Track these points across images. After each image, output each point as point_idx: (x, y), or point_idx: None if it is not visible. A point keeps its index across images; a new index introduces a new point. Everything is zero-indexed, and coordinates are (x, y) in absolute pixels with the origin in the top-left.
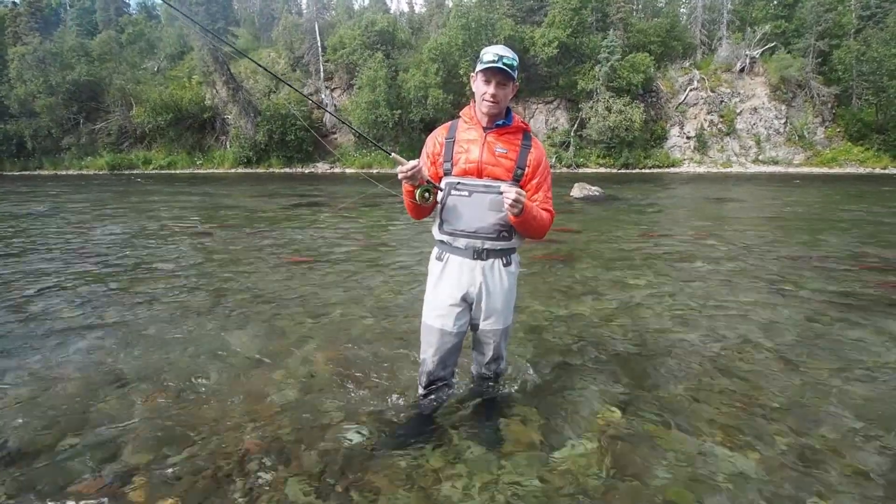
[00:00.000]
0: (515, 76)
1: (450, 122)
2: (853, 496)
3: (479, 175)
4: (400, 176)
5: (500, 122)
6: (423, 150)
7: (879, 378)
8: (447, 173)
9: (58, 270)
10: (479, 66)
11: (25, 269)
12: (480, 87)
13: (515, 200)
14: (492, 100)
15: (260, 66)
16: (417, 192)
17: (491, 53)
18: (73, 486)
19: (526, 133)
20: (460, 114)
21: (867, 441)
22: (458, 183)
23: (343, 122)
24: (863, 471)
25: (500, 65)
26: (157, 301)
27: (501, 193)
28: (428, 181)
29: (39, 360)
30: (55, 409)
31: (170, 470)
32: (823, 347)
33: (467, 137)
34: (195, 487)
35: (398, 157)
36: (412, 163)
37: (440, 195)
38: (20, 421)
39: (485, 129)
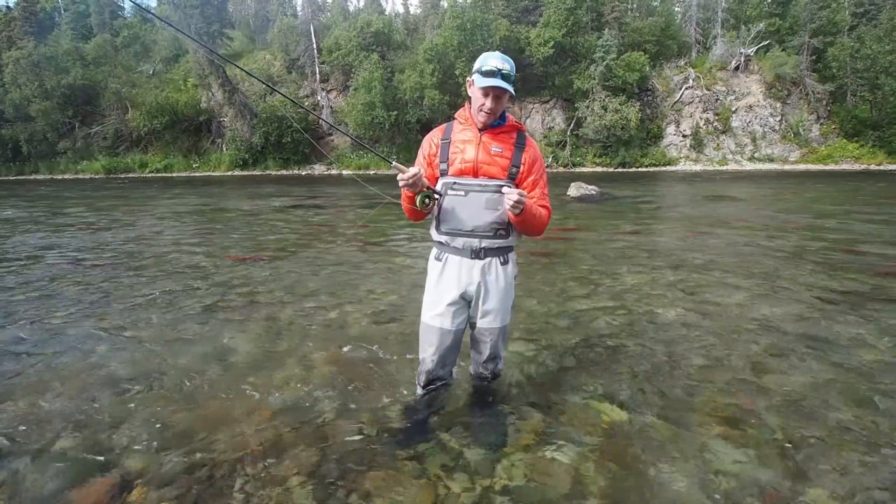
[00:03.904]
0: (512, 88)
1: (445, 124)
2: (853, 493)
3: (475, 174)
4: (401, 184)
5: (494, 122)
6: (420, 152)
7: (878, 374)
8: (443, 174)
9: (53, 274)
10: (478, 80)
11: (19, 272)
12: (478, 98)
13: (517, 202)
14: (489, 112)
15: (248, 73)
16: (418, 199)
17: (489, 65)
18: (73, 487)
19: (520, 132)
20: (455, 115)
21: (867, 437)
22: (455, 183)
23: (335, 128)
24: (863, 468)
25: (498, 81)
26: (154, 303)
27: (497, 192)
28: (428, 188)
29: (38, 363)
30: (54, 410)
31: (169, 471)
32: (822, 343)
33: (463, 138)
34: (194, 488)
35: (399, 165)
36: (413, 170)
37: (439, 200)
38: (19, 422)
39: (480, 129)
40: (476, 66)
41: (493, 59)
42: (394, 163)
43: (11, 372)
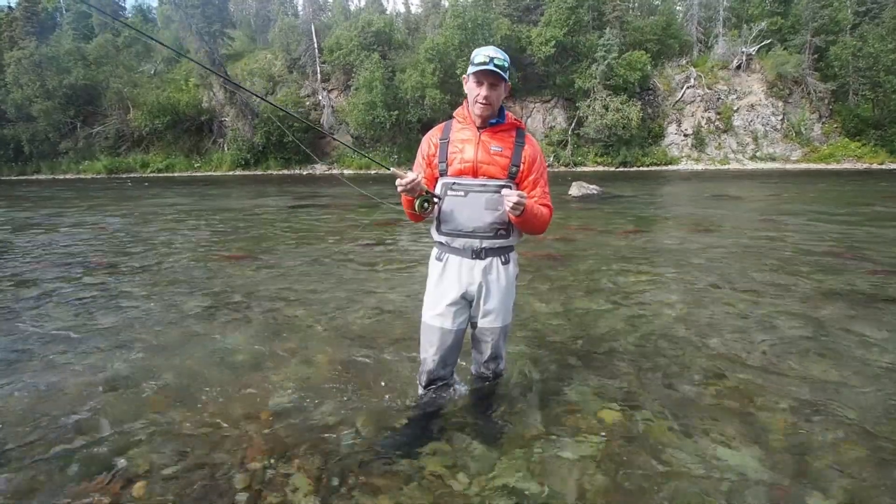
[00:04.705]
0: (507, 76)
1: (444, 123)
2: (855, 493)
3: (475, 174)
4: (399, 189)
5: (493, 120)
6: (419, 152)
7: (880, 374)
8: (443, 174)
9: (51, 273)
10: (471, 69)
11: (18, 274)
12: (473, 89)
13: (517, 203)
14: (484, 101)
15: (237, 85)
16: (416, 203)
17: (482, 55)
18: (73, 487)
19: (520, 130)
20: (454, 114)
21: (868, 438)
22: (454, 183)
23: (326, 133)
24: (865, 468)
25: (491, 67)
26: (154, 302)
27: (497, 192)
28: (427, 192)
29: (38, 364)
30: (54, 411)
31: (169, 471)
32: (824, 343)
33: (461, 137)
34: (195, 488)
35: (397, 170)
36: (410, 176)
37: (438, 204)
38: (20, 424)
39: (479, 128)
40: (470, 60)
41: (485, 50)
42: (392, 168)
43: (12, 372)
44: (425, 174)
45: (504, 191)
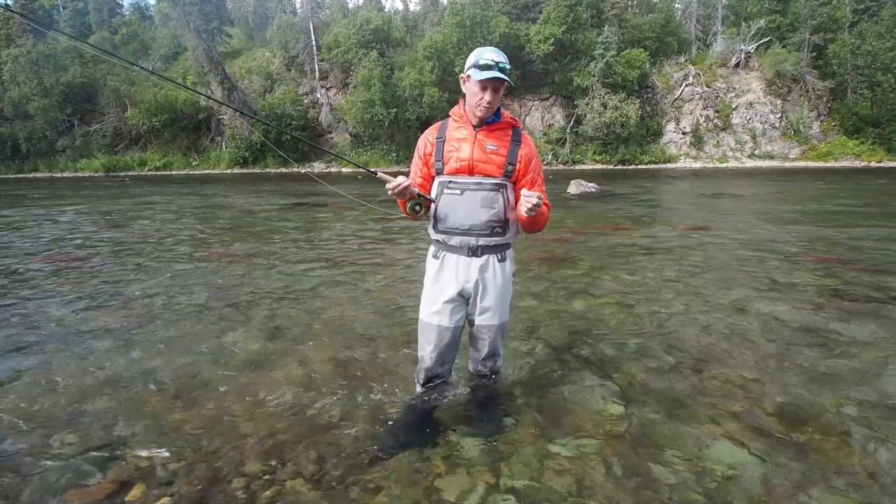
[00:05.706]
0: (508, 78)
1: (440, 122)
2: (854, 490)
3: (471, 173)
4: (389, 193)
5: (489, 119)
6: (416, 152)
7: (877, 371)
8: (439, 172)
9: (48, 272)
10: (476, 74)
11: (17, 271)
12: (476, 93)
13: (535, 205)
14: (488, 106)
15: (212, 97)
16: (408, 206)
17: (486, 59)
18: (72, 487)
19: (515, 129)
20: (450, 113)
21: (868, 434)
22: (450, 182)
23: (315, 145)
24: (864, 464)
25: (496, 73)
26: (153, 301)
27: (493, 191)
28: (419, 195)
29: (37, 363)
30: (53, 410)
31: (168, 471)
32: (822, 341)
33: (458, 136)
34: (193, 488)
35: (384, 175)
36: (398, 180)
37: (432, 207)
38: (18, 423)
39: (475, 126)
40: (471, 61)
41: (488, 53)
42: (378, 173)
43: (10, 371)
44: (422, 173)
45: (523, 190)
